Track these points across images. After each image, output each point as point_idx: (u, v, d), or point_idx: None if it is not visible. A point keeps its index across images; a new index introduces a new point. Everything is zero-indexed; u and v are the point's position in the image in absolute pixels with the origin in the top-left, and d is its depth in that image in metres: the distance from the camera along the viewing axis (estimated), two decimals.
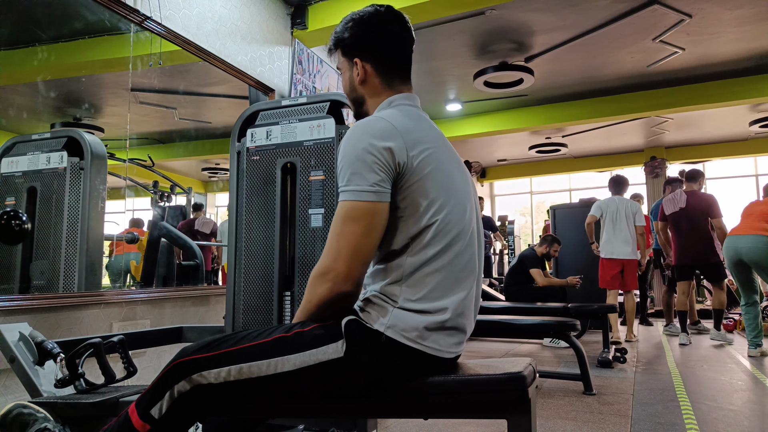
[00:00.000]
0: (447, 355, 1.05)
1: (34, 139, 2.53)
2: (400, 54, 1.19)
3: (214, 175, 4.95)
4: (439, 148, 1.12)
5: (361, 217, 1.01)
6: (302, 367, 1.01)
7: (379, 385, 1.03)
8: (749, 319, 3.94)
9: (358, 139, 1.04)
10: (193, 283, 3.50)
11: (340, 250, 1.00)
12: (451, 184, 1.10)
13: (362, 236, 1.01)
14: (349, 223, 1.01)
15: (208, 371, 1.03)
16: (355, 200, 1.01)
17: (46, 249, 2.42)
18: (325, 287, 1.01)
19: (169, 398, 1.04)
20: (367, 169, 1.01)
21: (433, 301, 1.03)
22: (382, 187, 1.02)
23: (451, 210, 1.07)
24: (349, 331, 1.02)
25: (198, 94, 3.85)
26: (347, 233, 1.01)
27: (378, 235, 1.03)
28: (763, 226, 3.80)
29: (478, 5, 3.77)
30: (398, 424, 2.31)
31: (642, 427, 2.23)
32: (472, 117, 7.07)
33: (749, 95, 5.79)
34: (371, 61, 1.17)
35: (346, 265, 1.00)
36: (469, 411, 1.06)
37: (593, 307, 3.90)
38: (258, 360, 1.03)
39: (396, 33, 1.18)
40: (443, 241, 1.05)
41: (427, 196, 1.05)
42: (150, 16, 2.69)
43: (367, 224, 1.01)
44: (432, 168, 1.07)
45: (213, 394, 1.04)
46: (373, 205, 1.01)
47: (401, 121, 1.08)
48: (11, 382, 1.95)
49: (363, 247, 1.01)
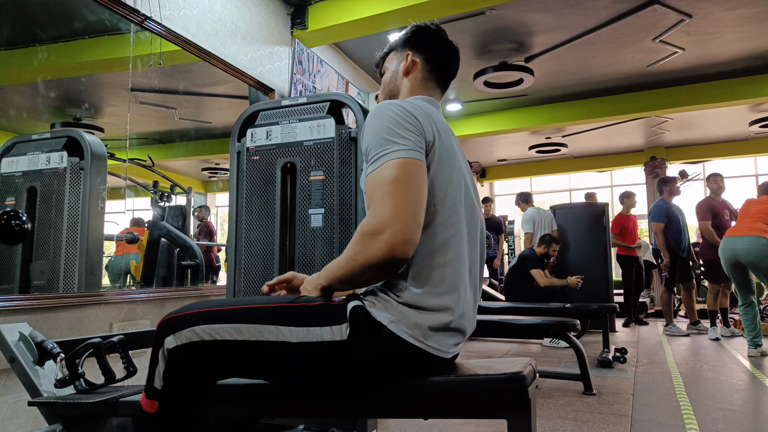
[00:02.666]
0: (446, 355, 1.05)
1: (34, 139, 2.53)
2: (447, 63, 1.28)
3: (214, 175, 4.95)
4: (453, 140, 1.14)
5: (410, 173, 0.95)
6: (304, 341, 0.99)
7: (378, 380, 1.03)
8: (748, 319, 3.94)
9: (383, 110, 1.04)
10: (193, 283, 3.50)
11: (397, 206, 0.92)
12: (461, 177, 1.11)
13: (415, 191, 0.95)
14: (399, 180, 0.94)
15: (201, 326, 1.00)
16: (401, 157, 0.96)
17: (46, 249, 2.42)
18: (379, 248, 0.92)
19: (162, 360, 1.02)
20: (404, 130, 1.00)
21: (438, 296, 1.01)
22: (420, 148, 1.01)
23: (460, 203, 1.08)
24: (354, 318, 1.00)
25: (198, 94, 3.85)
26: (398, 191, 0.93)
27: (426, 196, 0.98)
28: (760, 226, 3.80)
29: (478, 5, 3.77)
30: (398, 424, 2.30)
31: (642, 427, 2.23)
32: (472, 117, 7.07)
33: (749, 95, 5.78)
34: (421, 58, 1.25)
35: (404, 221, 0.91)
36: (469, 411, 1.06)
37: (593, 307, 3.90)
38: (260, 324, 1.00)
39: (447, 46, 1.28)
40: (450, 232, 1.04)
41: (441, 182, 1.04)
42: (150, 16, 2.69)
43: (419, 180, 0.97)
44: (447, 156, 1.07)
45: (208, 353, 1.01)
46: (420, 163, 0.98)
47: (421, 103, 1.13)
48: (11, 382, 1.95)
49: (420, 204, 0.95)
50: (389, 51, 1.32)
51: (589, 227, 5.68)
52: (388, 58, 1.32)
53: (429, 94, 1.24)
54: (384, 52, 1.34)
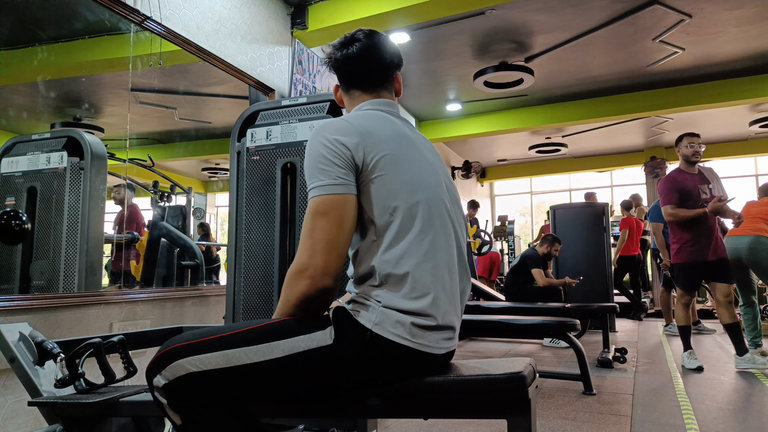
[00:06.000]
0: (438, 351, 1.05)
1: (34, 139, 2.53)
2: (359, 68, 1.25)
3: (214, 175, 4.94)
4: (402, 144, 1.12)
5: (330, 210, 1.02)
6: (290, 353, 1.00)
7: (372, 381, 1.03)
8: (748, 319, 3.94)
9: (317, 137, 1.09)
10: (193, 283, 3.50)
11: (315, 245, 1.01)
12: (417, 179, 1.10)
13: (334, 228, 1.02)
14: (319, 218, 1.02)
15: (185, 359, 1.01)
16: (322, 194, 1.03)
17: (46, 249, 2.42)
18: (304, 284, 1.01)
19: (163, 398, 1.03)
20: (329, 164, 1.05)
21: (414, 301, 1.02)
22: (345, 179, 1.05)
23: (417, 205, 1.07)
24: (336, 319, 1.02)
25: (198, 94, 3.85)
26: (319, 228, 1.01)
27: (350, 227, 1.04)
28: (761, 226, 3.80)
29: (478, 5, 3.77)
30: (398, 424, 2.31)
31: (642, 427, 2.23)
32: (472, 117, 7.07)
33: (749, 95, 5.79)
34: (340, 82, 1.29)
35: (322, 259, 1.00)
36: (469, 411, 1.06)
37: (593, 307, 3.90)
38: (245, 346, 1.01)
39: (353, 55, 1.24)
40: (411, 236, 1.05)
41: (388, 193, 1.06)
42: (150, 16, 2.69)
43: (338, 216, 1.02)
44: (391, 165, 1.07)
45: (199, 383, 1.01)
46: (340, 198, 1.03)
47: (359, 120, 1.13)
48: (11, 382, 1.95)
49: (337, 240, 1.02)
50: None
51: (589, 227, 5.68)
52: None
53: (373, 98, 1.24)
54: None
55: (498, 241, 8.94)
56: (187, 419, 1.03)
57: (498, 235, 9.05)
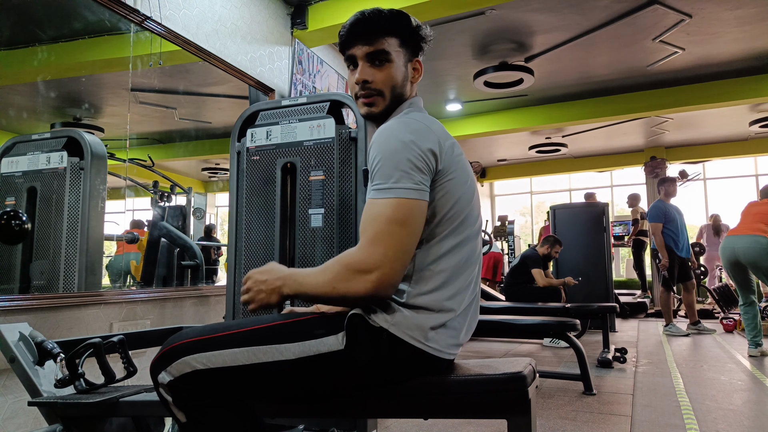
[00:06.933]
0: (446, 356, 1.05)
1: (34, 139, 2.53)
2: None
3: (214, 175, 4.95)
4: (457, 147, 1.13)
5: (410, 217, 0.97)
6: (301, 356, 0.99)
7: (379, 381, 1.03)
8: (748, 319, 3.94)
9: (403, 139, 1.02)
10: (193, 283, 3.50)
11: (388, 250, 0.94)
12: (468, 182, 1.11)
13: (409, 237, 0.97)
14: (397, 222, 0.96)
15: (192, 356, 1.00)
16: (403, 198, 0.97)
17: (46, 249, 2.42)
18: (364, 286, 0.94)
19: (168, 395, 1.02)
20: (414, 169, 0.99)
21: (441, 298, 1.02)
22: (425, 186, 1.01)
23: (468, 208, 1.08)
24: (352, 326, 1.00)
25: (198, 94, 3.85)
26: (396, 234, 0.96)
27: (417, 238, 1.00)
28: (761, 227, 3.81)
29: (478, 5, 3.77)
30: (398, 424, 2.31)
31: (642, 427, 2.23)
32: (472, 117, 7.07)
33: (749, 95, 5.78)
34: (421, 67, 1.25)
35: (393, 268, 0.94)
36: (469, 411, 1.06)
37: (593, 307, 3.90)
38: (254, 346, 1.00)
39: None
40: (458, 237, 1.05)
41: (454, 195, 1.05)
42: (150, 16, 2.69)
43: (415, 225, 0.98)
44: (461, 171, 1.08)
45: (206, 380, 1.00)
46: (419, 204, 0.99)
47: (431, 124, 1.10)
48: (11, 382, 1.95)
49: (409, 250, 0.98)
50: (395, 36, 1.18)
51: (589, 227, 5.68)
52: (394, 46, 1.18)
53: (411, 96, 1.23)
54: (386, 30, 1.18)
55: (498, 241, 8.94)
56: (191, 418, 1.03)
57: (498, 235, 9.06)
